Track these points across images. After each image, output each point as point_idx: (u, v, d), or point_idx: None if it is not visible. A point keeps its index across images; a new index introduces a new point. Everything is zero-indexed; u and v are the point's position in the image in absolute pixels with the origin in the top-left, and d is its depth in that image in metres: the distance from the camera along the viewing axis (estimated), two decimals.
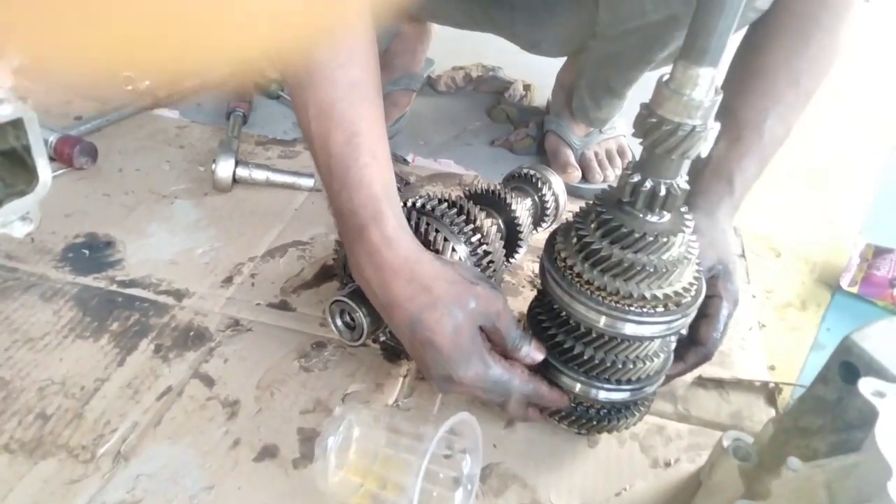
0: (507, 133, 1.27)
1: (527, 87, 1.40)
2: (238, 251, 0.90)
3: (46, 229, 0.89)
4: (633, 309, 0.57)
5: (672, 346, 0.67)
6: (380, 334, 0.70)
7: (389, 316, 0.62)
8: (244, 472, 0.63)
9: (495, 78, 1.43)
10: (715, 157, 0.72)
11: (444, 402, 0.72)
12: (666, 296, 0.56)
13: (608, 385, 0.62)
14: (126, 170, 1.03)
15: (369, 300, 0.64)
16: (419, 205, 0.71)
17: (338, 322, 0.68)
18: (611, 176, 1.16)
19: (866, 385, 0.48)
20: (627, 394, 0.63)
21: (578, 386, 0.63)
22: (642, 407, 0.68)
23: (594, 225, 0.57)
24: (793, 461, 0.48)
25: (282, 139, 1.17)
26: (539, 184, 0.87)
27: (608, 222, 0.56)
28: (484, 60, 1.45)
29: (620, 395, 0.63)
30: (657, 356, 0.63)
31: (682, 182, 0.54)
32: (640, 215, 0.55)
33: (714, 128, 0.50)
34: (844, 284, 0.97)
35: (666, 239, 0.55)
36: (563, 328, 0.63)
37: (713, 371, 0.78)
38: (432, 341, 0.59)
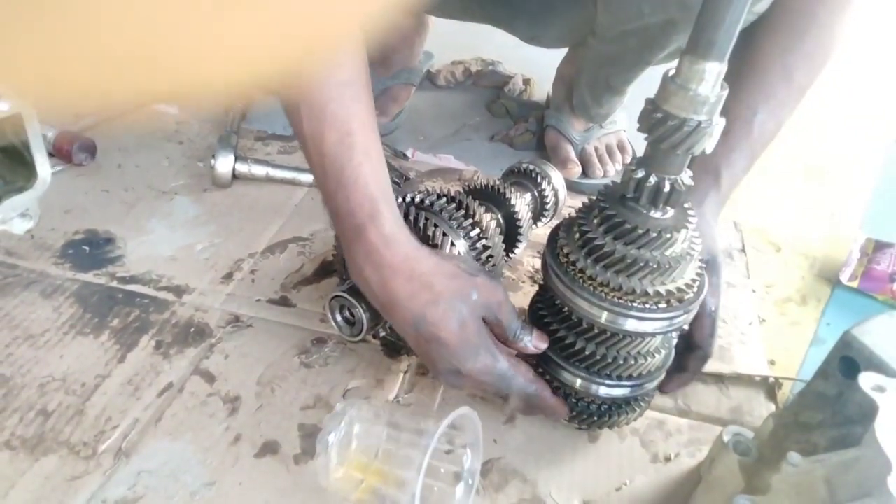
0: (507, 128, 1.27)
1: (526, 82, 1.39)
2: (238, 247, 0.90)
3: (46, 226, 0.89)
4: (635, 305, 0.56)
5: (673, 343, 0.67)
6: (380, 330, 0.70)
7: (391, 315, 0.62)
8: (245, 469, 0.63)
9: (495, 72, 1.42)
10: None
11: (445, 398, 0.72)
12: (668, 292, 0.56)
13: (609, 381, 0.62)
14: (125, 166, 1.03)
15: (369, 300, 0.63)
16: (418, 200, 0.71)
17: (338, 318, 0.68)
18: (611, 171, 1.16)
19: (866, 380, 0.48)
20: (628, 390, 0.63)
21: (579, 382, 0.63)
22: (643, 402, 0.68)
23: (597, 220, 0.57)
24: (793, 456, 0.48)
25: (281, 135, 1.16)
26: (539, 179, 0.87)
27: (611, 218, 0.56)
28: (483, 55, 1.45)
29: (621, 391, 0.63)
30: (658, 352, 0.63)
31: (687, 178, 0.54)
32: (644, 211, 0.55)
33: (719, 123, 0.50)
34: (844, 279, 0.97)
35: (669, 235, 0.55)
36: (565, 324, 0.63)
37: (713, 366, 0.78)
38: (438, 337, 0.59)
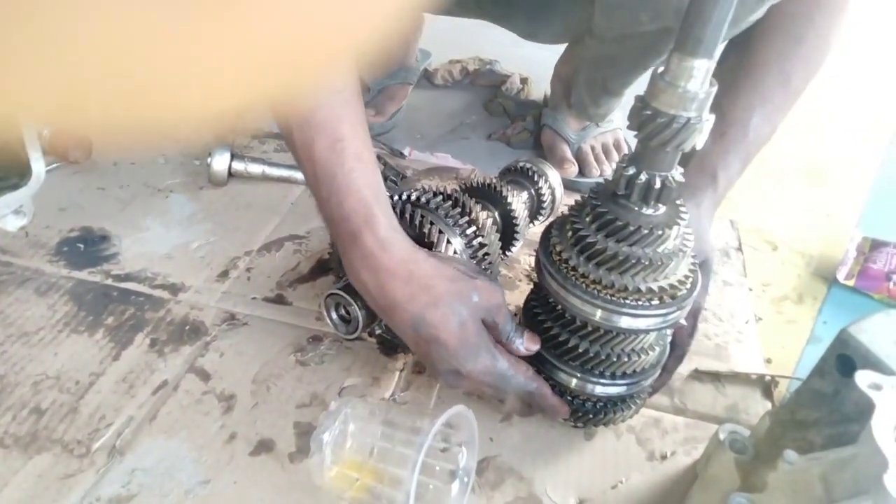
0: (504, 127, 1.27)
1: (524, 81, 1.39)
2: (234, 245, 0.90)
3: (41, 223, 0.89)
4: (629, 302, 0.56)
5: (668, 339, 0.67)
6: (375, 328, 0.70)
7: (390, 317, 0.61)
8: (240, 467, 0.63)
9: (492, 71, 1.42)
10: (699, 152, 0.73)
11: (441, 396, 0.72)
12: (661, 288, 0.56)
13: (604, 379, 0.62)
14: (121, 163, 1.03)
15: (368, 303, 0.63)
16: (414, 198, 0.70)
17: (333, 315, 0.68)
18: (607, 170, 1.16)
19: (863, 378, 0.48)
20: (623, 387, 0.63)
21: (574, 381, 0.63)
22: (638, 400, 0.67)
23: (589, 218, 0.57)
24: (789, 454, 0.48)
25: (278, 133, 1.16)
26: (535, 177, 0.87)
27: (603, 215, 0.55)
28: (481, 54, 1.45)
29: (616, 389, 0.63)
30: (653, 349, 0.63)
31: (678, 174, 0.54)
32: (635, 208, 0.55)
33: (709, 120, 0.50)
34: (841, 277, 0.97)
35: (661, 232, 0.55)
36: (559, 322, 0.63)
37: (709, 364, 0.78)
38: (438, 338, 0.59)
